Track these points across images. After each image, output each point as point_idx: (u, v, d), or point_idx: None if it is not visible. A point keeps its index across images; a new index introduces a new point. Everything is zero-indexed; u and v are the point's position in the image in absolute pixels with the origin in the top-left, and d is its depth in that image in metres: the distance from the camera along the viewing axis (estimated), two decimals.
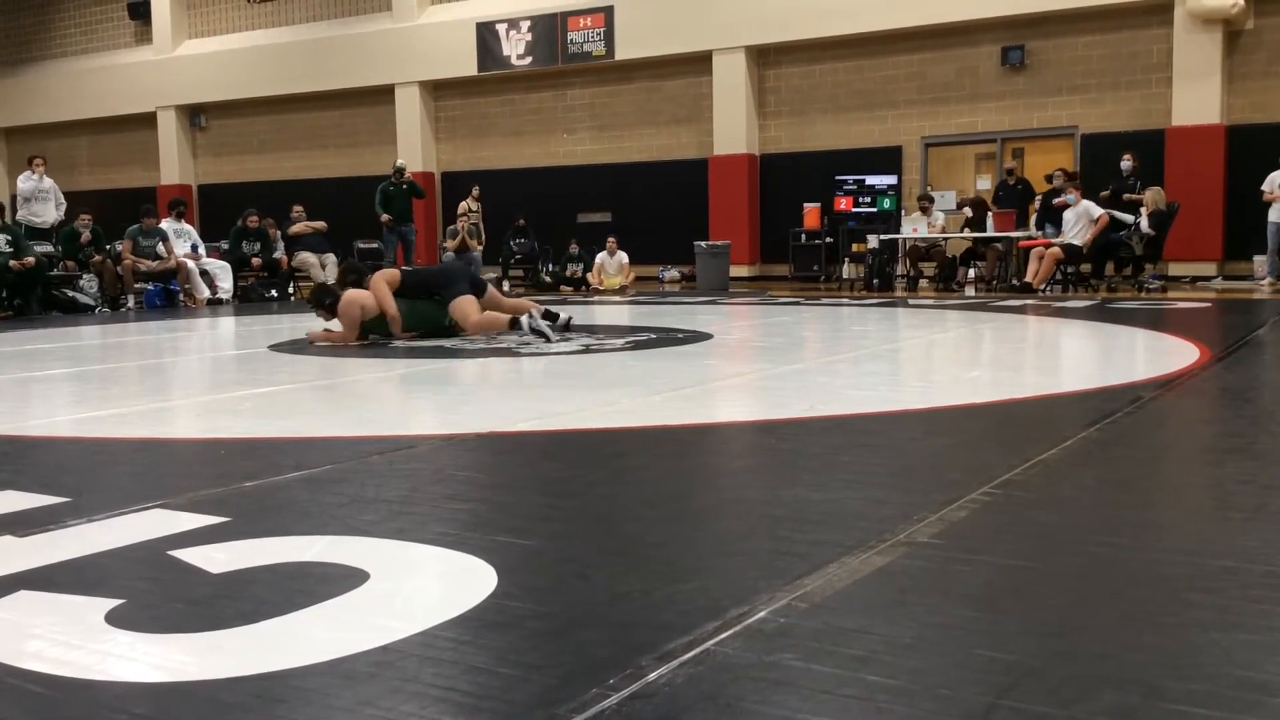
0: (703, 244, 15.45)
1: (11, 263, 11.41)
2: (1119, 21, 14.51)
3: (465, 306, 7.53)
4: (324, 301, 7.54)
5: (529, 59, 18.05)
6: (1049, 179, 13.74)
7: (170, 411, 4.84)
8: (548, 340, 7.13)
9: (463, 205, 16.54)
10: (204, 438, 4.04)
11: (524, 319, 7.41)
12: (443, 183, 19.59)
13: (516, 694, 1.57)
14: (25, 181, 13.30)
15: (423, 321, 7.60)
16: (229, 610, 1.94)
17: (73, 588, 2.08)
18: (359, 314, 7.31)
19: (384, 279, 7.53)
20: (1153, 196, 12.58)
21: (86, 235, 12.60)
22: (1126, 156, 13.33)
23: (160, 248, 12.84)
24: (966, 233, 13.93)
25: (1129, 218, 12.56)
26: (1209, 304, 10.23)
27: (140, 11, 21.91)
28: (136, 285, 12.67)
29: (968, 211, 13.87)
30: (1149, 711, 1.48)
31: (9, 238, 11.64)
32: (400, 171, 15.60)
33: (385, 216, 14.96)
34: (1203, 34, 13.80)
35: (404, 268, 8.38)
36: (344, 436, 3.88)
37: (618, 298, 13.84)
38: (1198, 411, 4.41)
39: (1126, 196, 13.06)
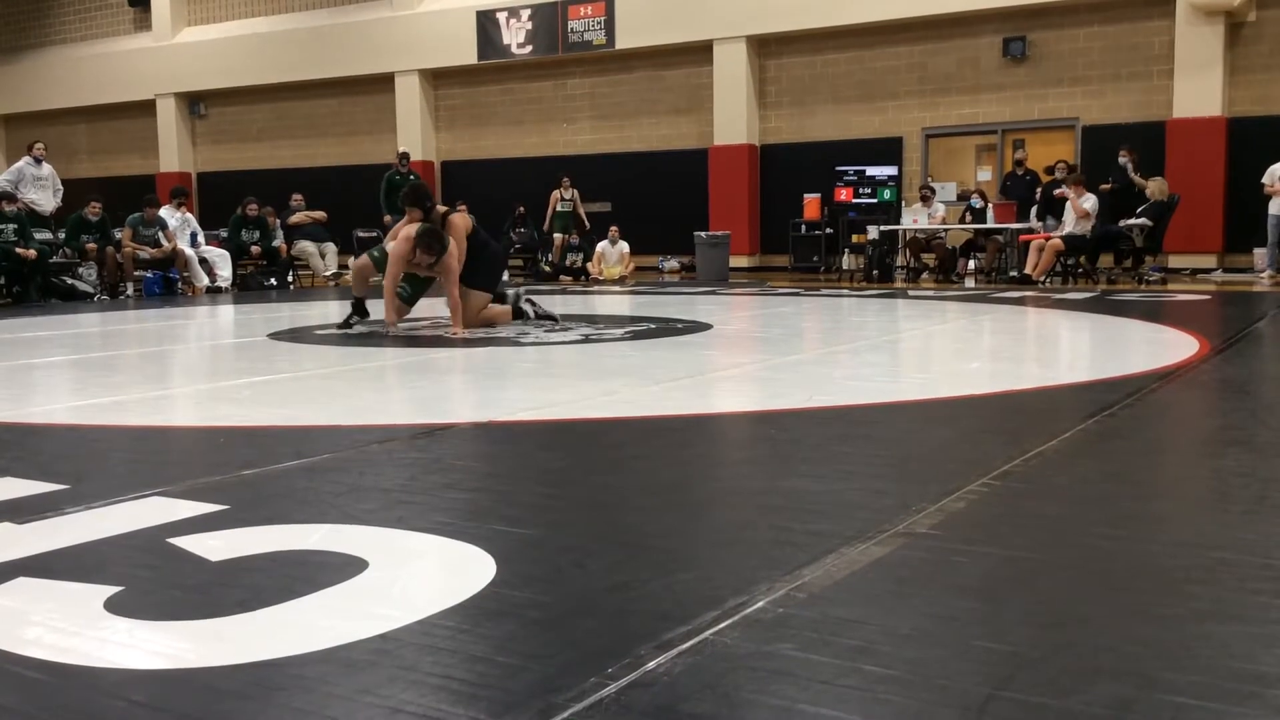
0: (702, 234, 15.42)
1: (17, 250, 11.39)
2: (1120, 13, 14.47)
3: (477, 302, 7.40)
4: (433, 246, 7.05)
5: (529, 48, 18.00)
6: (1049, 170, 13.74)
7: (169, 399, 4.84)
8: (554, 321, 7.44)
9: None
10: (203, 426, 4.04)
11: (527, 307, 7.55)
12: (443, 172, 19.56)
13: (515, 683, 1.57)
14: (9, 173, 13.21)
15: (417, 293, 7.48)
16: (228, 598, 1.94)
17: (71, 575, 2.08)
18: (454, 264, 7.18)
19: (462, 228, 7.27)
20: (1157, 186, 12.56)
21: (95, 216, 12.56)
22: (1124, 152, 13.32)
23: (160, 236, 12.81)
24: (968, 220, 13.91)
25: (1135, 222, 12.53)
26: (1209, 296, 10.23)
27: None
28: (136, 273, 12.65)
29: (977, 202, 13.84)
30: (1146, 702, 1.48)
31: (15, 225, 11.62)
32: (404, 157, 15.61)
33: (388, 218, 14.98)
34: (1204, 26, 13.76)
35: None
36: (343, 425, 3.88)
37: (617, 288, 13.83)
38: (1197, 404, 4.41)
39: (1126, 181, 13.05)
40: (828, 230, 15.77)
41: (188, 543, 2.28)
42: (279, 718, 1.49)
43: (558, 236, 16.52)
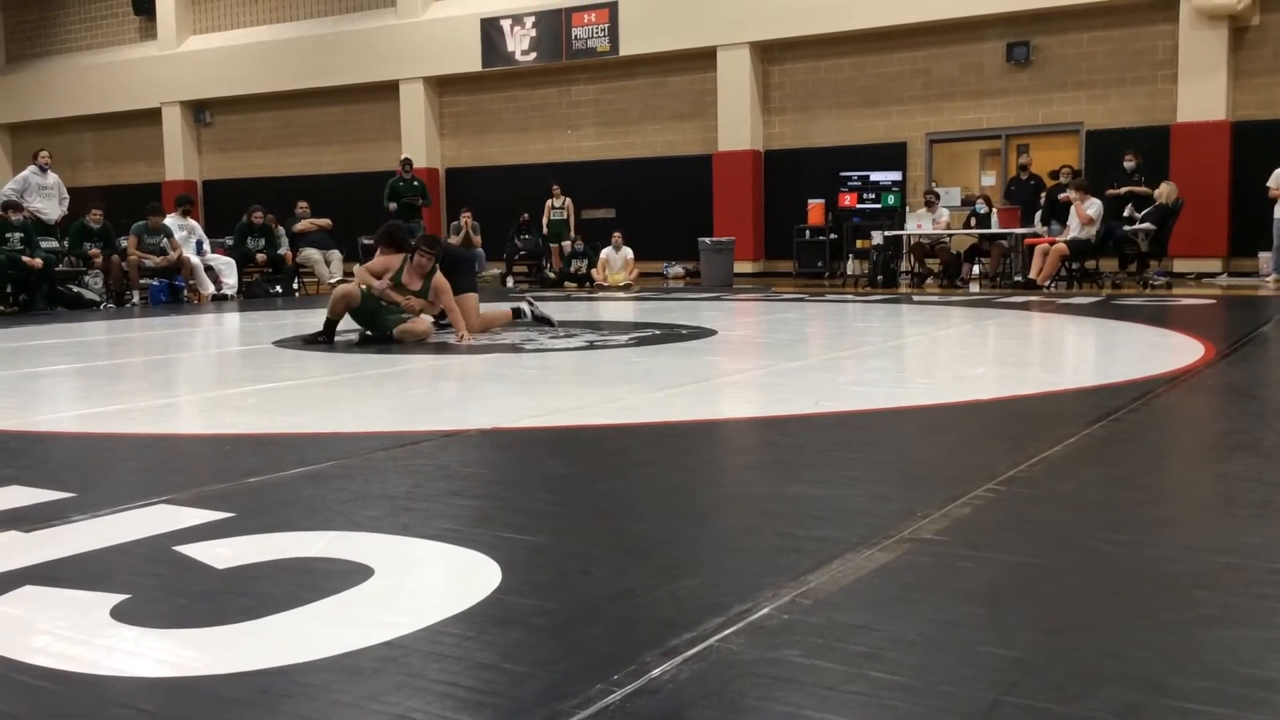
0: (707, 240, 15.43)
1: (24, 258, 11.42)
2: (1124, 18, 14.47)
3: (469, 303, 7.50)
4: (434, 245, 7.35)
5: (533, 55, 18.03)
6: (1054, 175, 13.73)
7: (175, 407, 4.85)
8: (550, 325, 7.67)
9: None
10: (209, 433, 4.05)
11: (525, 307, 7.74)
12: (447, 179, 19.59)
13: (521, 690, 1.57)
14: (14, 182, 13.24)
15: (370, 323, 7.22)
16: (234, 606, 1.94)
17: (78, 583, 2.09)
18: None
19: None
20: (1167, 189, 12.56)
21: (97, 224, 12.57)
22: (1129, 156, 13.33)
23: (165, 244, 12.83)
24: (972, 225, 13.90)
25: (1139, 226, 12.52)
26: (1214, 300, 10.21)
27: (145, 7, 21.90)
28: (141, 281, 12.68)
29: (982, 207, 13.85)
30: (1153, 708, 1.48)
31: (22, 234, 11.65)
32: (407, 164, 15.64)
33: (392, 205, 15.02)
34: (1208, 30, 13.76)
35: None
36: (348, 432, 3.88)
37: (622, 294, 13.84)
38: (1202, 408, 4.40)
39: (1129, 189, 13.06)
40: (832, 235, 15.77)
41: (194, 550, 2.29)
42: None
43: (554, 244, 16.58)
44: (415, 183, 15.43)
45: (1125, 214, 12.68)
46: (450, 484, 2.97)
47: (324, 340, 7.12)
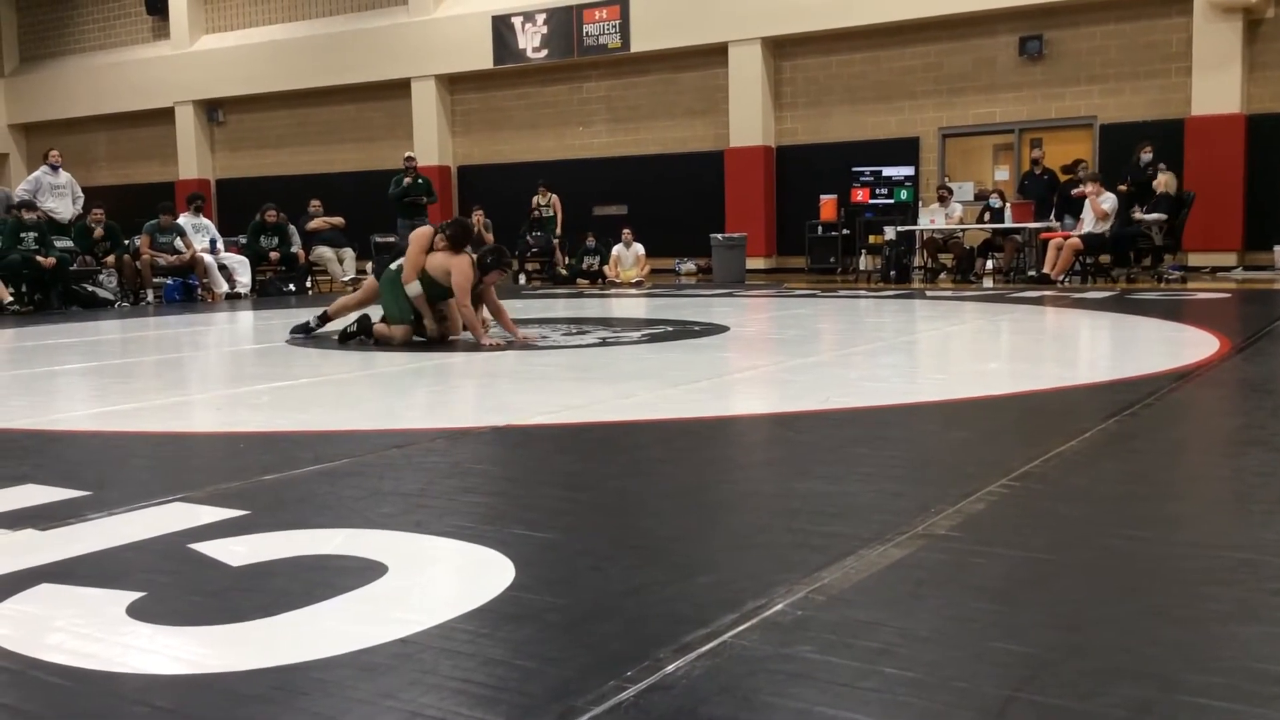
0: (719, 236, 15.41)
1: (38, 258, 11.48)
2: (1138, 11, 14.39)
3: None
4: (507, 260, 7.23)
5: (544, 52, 18.03)
6: (1067, 169, 13.67)
7: (189, 405, 4.87)
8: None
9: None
10: (223, 431, 4.07)
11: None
12: (459, 176, 19.61)
13: (534, 686, 1.58)
14: (26, 182, 13.30)
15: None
16: (249, 603, 1.95)
17: (94, 581, 2.10)
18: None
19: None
20: (1165, 179, 12.51)
21: (99, 231, 12.62)
22: (1146, 148, 13.25)
23: (179, 243, 12.88)
24: (987, 220, 13.85)
25: (1151, 217, 12.47)
26: (1229, 295, 10.16)
27: (158, 7, 21.98)
28: (155, 280, 12.74)
29: (996, 201, 13.80)
30: (1166, 704, 1.48)
31: (36, 234, 11.70)
32: (409, 160, 15.64)
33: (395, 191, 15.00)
34: (1222, 23, 13.68)
35: None
36: (361, 430, 3.89)
37: (634, 290, 13.83)
38: (1217, 404, 4.38)
39: (1130, 187, 13.02)
40: (844, 231, 15.74)
41: (209, 548, 2.30)
42: None
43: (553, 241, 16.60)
44: (420, 180, 15.40)
45: (1134, 216, 12.61)
46: (463, 481, 2.97)
47: (316, 326, 7.26)
